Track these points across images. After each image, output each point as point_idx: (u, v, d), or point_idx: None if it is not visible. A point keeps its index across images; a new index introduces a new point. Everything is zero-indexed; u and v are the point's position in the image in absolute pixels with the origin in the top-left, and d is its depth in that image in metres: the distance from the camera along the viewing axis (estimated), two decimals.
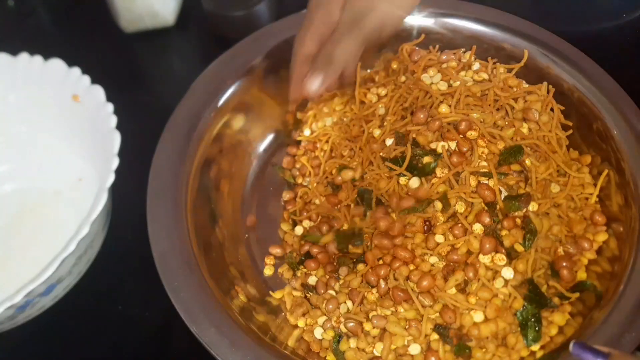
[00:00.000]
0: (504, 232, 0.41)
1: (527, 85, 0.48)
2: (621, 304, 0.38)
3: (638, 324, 0.37)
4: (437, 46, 0.51)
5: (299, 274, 0.46)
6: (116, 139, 0.43)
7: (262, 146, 0.53)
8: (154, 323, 0.46)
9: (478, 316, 0.40)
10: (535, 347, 0.40)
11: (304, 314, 0.44)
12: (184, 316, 0.39)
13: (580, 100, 0.48)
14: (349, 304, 0.42)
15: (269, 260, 0.47)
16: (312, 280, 0.45)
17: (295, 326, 0.43)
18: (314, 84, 0.44)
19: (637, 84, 0.48)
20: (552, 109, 0.46)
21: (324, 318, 0.43)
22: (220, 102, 0.50)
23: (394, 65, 0.51)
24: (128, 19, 0.62)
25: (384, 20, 0.46)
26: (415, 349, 0.40)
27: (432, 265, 0.41)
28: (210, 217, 0.47)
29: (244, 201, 0.51)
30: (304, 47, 0.46)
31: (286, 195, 0.50)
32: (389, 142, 0.45)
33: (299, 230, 0.48)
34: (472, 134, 0.43)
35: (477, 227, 0.41)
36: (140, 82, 0.63)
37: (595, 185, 0.45)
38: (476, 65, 0.48)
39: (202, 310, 0.39)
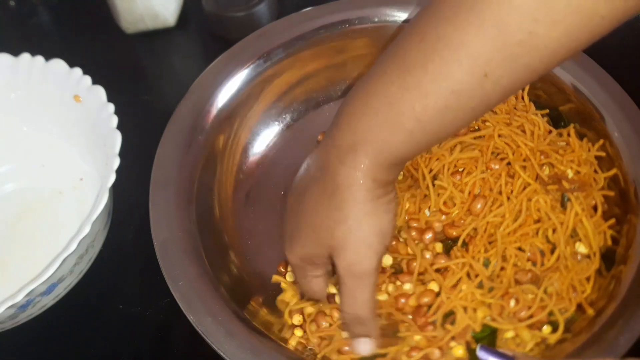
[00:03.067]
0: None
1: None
2: (617, 305, 0.38)
3: (632, 326, 0.37)
4: None
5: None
6: (117, 139, 0.43)
7: (265, 143, 0.54)
8: (155, 322, 0.46)
9: None
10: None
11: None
12: (182, 305, 0.39)
13: (581, 100, 0.48)
14: None
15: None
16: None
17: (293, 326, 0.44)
18: (366, 348, 0.40)
19: (637, 84, 0.48)
20: None
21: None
22: (221, 101, 0.50)
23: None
24: (129, 19, 0.63)
25: (359, 251, 0.37)
26: None
27: None
28: (212, 209, 0.47)
29: (246, 195, 0.51)
30: (312, 292, 0.42)
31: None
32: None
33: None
34: None
35: None
36: (141, 82, 0.63)
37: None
38: None
39: (200, 299, 0.40)
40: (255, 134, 0.53)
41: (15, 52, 0.49)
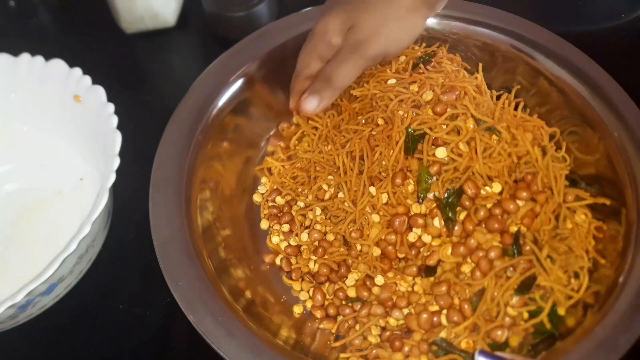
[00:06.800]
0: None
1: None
2: (616, 306, 0.38)
3: (632, 326, 0.37)
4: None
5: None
6: (117, 139, 0.43)
7: (265, 142, 0.54)
8: (155, 322, 0.46)
9: None
10: None
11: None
12: (182, 304, 0.39)
13: (581, 101, 0.48)
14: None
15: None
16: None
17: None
18: (312, 104, 0.44)
19: (637, 84, 0.48)
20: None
21: None
22: (221, 101, 0.50)
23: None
24: (129, 20, 0.63)
25: (387, 47, 0.45)
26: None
27: None
28: (212, 210, 0.47)
29: (246, 195, 0.51)
30: (306, 67, 0.46)
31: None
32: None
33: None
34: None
35: None
36: (141, 82, 0.63)
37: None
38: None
39: (200, 299, 0.40)
40: (255, 134, 0.53)
41: (15, 52, 0.50)
